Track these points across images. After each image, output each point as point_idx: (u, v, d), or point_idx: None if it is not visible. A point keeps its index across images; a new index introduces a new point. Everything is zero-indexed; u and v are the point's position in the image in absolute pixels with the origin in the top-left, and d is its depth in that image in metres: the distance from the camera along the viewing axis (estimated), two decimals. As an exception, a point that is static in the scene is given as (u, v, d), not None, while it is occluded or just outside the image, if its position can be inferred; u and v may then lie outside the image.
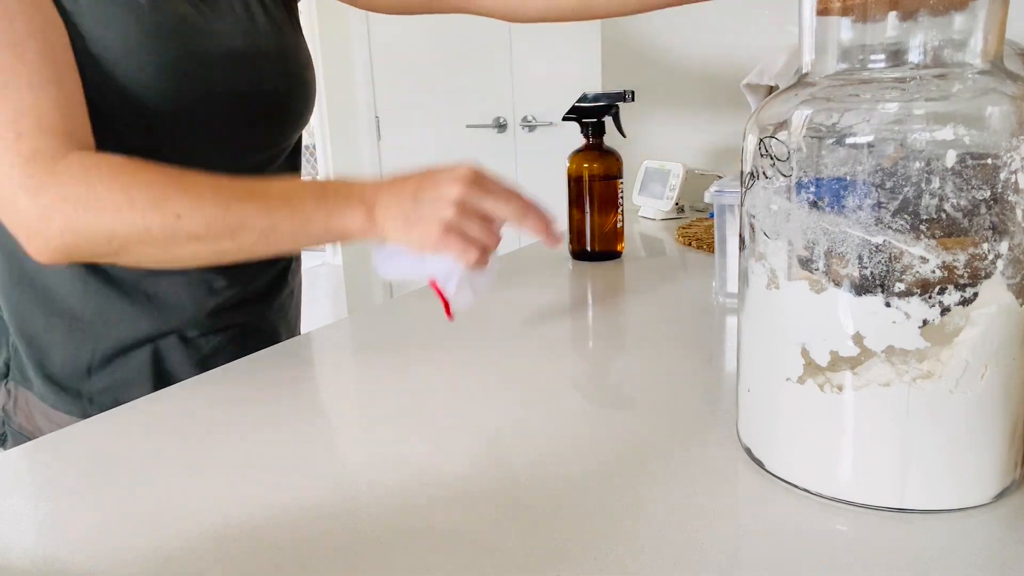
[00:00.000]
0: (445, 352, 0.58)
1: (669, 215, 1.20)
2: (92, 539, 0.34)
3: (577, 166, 0.90)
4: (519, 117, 2.59)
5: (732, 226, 0.69)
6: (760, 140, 0.34)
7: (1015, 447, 0.33)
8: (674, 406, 0.46)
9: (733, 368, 0.52)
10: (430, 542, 0.33)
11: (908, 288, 0.30)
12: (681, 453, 0.40)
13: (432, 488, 0.37)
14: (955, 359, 0.31)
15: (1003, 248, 0.30)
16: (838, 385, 0.33)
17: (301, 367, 0.58)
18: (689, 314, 0.66)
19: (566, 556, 0.31)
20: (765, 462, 0.37)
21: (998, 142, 0.29)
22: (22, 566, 0.32)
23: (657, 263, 0.91)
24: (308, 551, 0.32)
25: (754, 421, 0.38)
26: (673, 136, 1.39)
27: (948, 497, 0.32)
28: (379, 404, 0.49)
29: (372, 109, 2.89)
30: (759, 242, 0.35)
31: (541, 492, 0.36)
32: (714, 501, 0.35)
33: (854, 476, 0.33)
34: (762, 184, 0.34)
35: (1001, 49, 0.32)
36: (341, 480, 0.38)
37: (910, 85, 0.30)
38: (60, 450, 0.44)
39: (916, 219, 0.30)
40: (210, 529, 0.34)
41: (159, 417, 0.48)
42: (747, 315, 0.37)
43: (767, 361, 0.36)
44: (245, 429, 0.46)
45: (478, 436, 0.43)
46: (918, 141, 0.29)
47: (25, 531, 0.35)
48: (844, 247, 0.31)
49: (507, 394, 0.49)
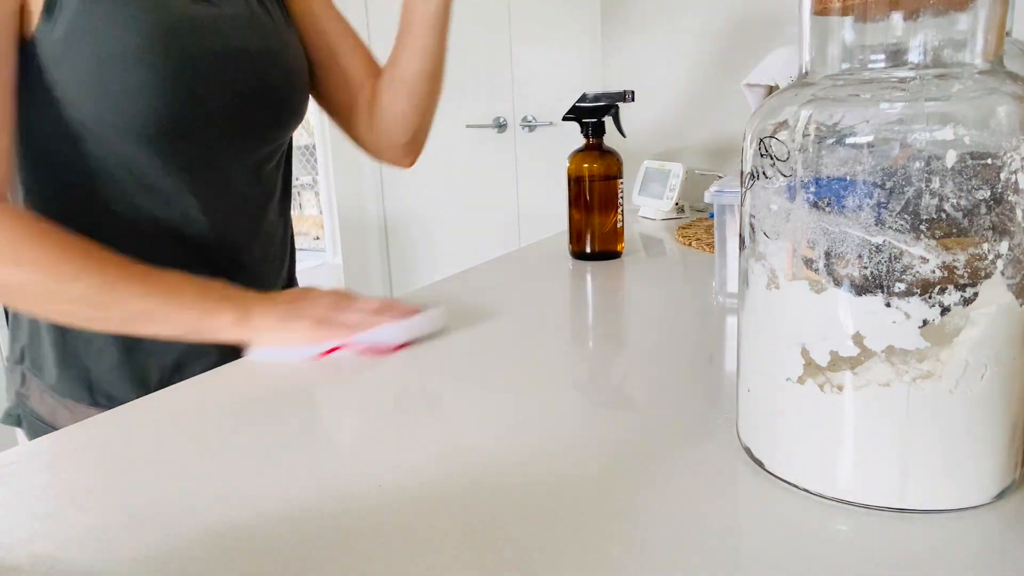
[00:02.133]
0: (444, 352, 0.58)
1: (669, 215, 1.20)
2: (92, 539, 0.34)
3: (577, 166, 0.90)
4: (519, 117, 2.59)
5: (732, 226, 0.69)
6: (760, 140, 0.34)
7: (1015, 447, 0.33)
8: (674, 406, 0.46)
9: (733, 368, 0.52)
10: (430, 542, 0.33)
11: (908, 288, 0.30)
12: (681, 453, 0.40)
13: (432, 488, 0.37)
14: (955, 359, 0.31)
15: (1003, 248, 0.30)
16: (838, 385, 0.33)
17: (301, 367, 0.58)
18: (689, 314, 0.66)
19: (566, 556, 0.31)
20: (765, 462, 0.37)
21: (999, 142, 0.29)
22: (22, 565, 0.32)
23: (657, 263, 0.91)
24: (308, 551, 0.32)
25: (754, 421, 0.38)
26: (673, 136, 1.39)
27: (948, 497, 0.32)
28: (379, 404, 0.49)
29: (372, 109, 2.88)
30: (759, 242, 0.35)
31: (540, 491, 0.36)
32: (714, 501, 0.35)
33: (854, 476, 0.33)
34: (762, 184, 0.34)
35: (1002, 49, 0.32)
36: (340, 480, 0.38)
37: (910, 85, 0.30)
38: (59, 450, 0.44)
39: (916, 219, 0.30)
40: (210, 529, 0.34)
41: (159, 417, 0.48)
42: (747, 315, 0.37)
43: (767, 361, 0.36)
44: (245, 429, 0.46)
45: (478, 436, 0.43)
46: (918, 141, 0.29)
47: (25, 530, 0.35)
48: (844, 247, 0.31)
49: (506, 394, 0.49)
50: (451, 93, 2.49)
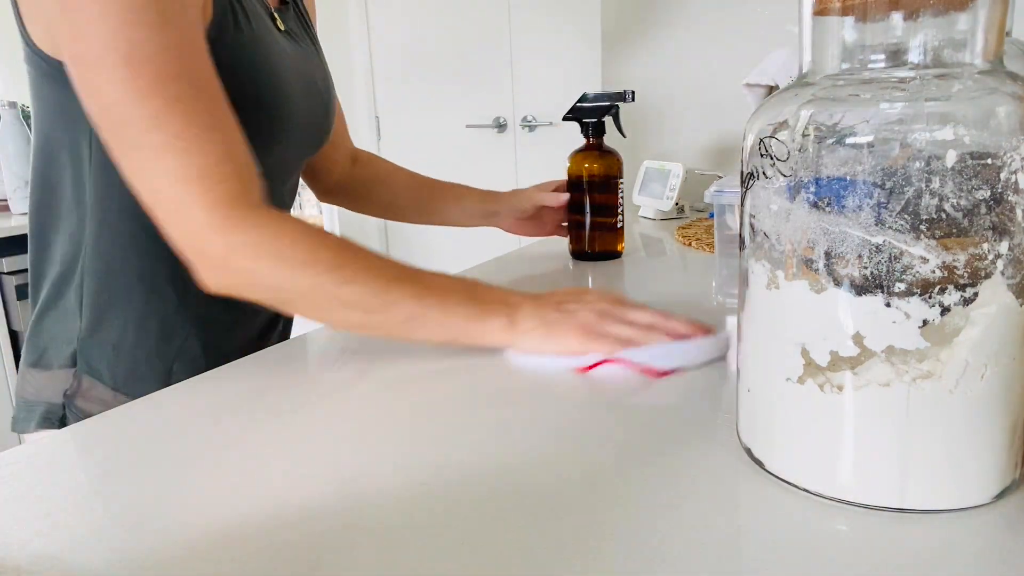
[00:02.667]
0: (444, 352, 0.58)
1: (669, 215, 1.20)
2: (92, 539, 0.34)
3: (577, 166, 0.90)
4: (519, 117, 2.59)
5: (732, 226, 0.69)
6: (760, 140, 0.34)
7: (1015, 447, 0.33)
8: (674, 406, 0.46)
9: (733, 368, 0.52)
10: (430, 542, 0.33)
11: (908, 288, 0.30)
12: (681, 453, 0.40)
13: (432, 488, 0.37)
14: (955, 359, 0.31)
15: (1003, 248, 0.30)
16: (838, 385, 0.33)
17: (301, 367, 0.58)
18: (689, 314, 0.66)
19: (565, 556, 0.31)
20: (765, 462, 0.37)
21: (999, 142, 0.29)
22: (22, 565, 0.32)
23: (657, 263, 0.91)
24: (308, 551, 0.32)
25: (754, 421, 0.38)
26: (673, 136, 1.39)
27: (948, 497, 0.32)
28: (379, 404, 0.49)
29: (372, 109, 2.89)
30: (759, 242, 0.35)
31: (540, 491, 0.36)
32: (714, 501, 0.35)
33: (854, 476, 0.33)
34: (762, 184, 0.34)
35: (1002, 49, 0.32)
36: (341, 480, 0.38)
37: (910, 85, 0.30)
38: (60, 450, 0.44)
39: (916, 219, 0.30)
40: (211, 529, 0.34)
41: (158, 416, 0.48)
42: (747, 315, 0.37)
43: (767, 361, 0.36)
44: (245, 429, 0.46)
45: (477, 436, 0.43)
46: (918, 141, 0.29)
47: (25, 530, 0.35)
48: (844, 247, 0.31)
49: (506, 394, 0.49)
50: (451, 93, 2.51)
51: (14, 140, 1.93)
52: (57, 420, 0.66)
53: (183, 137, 0.50)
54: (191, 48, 0.52)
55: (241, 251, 0.51)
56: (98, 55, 0.49)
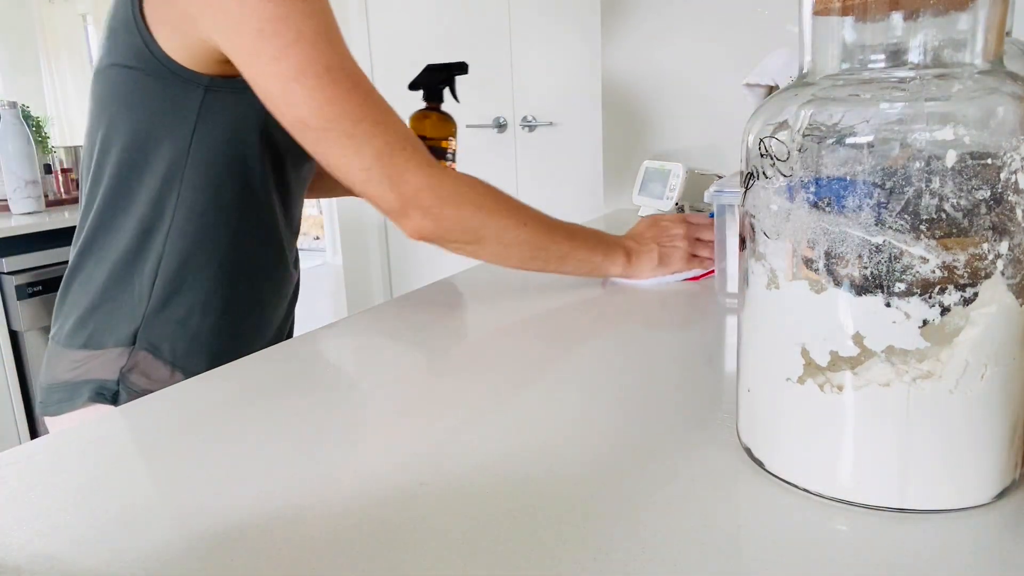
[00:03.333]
0: (444, 352, 0.58)
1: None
2: (92, 539, 0.34)
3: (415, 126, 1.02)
4: (519, 117, 2.59)
5: (732, 226, 0.69)
6: (760, 140, 0.34)
7: (1015, 447, 0.33)
8: (674, 406, 0.46)
9: (733, 368, 0.52)
10: (430, 542, 0.33)
11: (908, 288, 0.30)
12: (681, 453, 0.40)
13: (432, 488, 0.37)
14: (955, 359, 0.31)
15: (1003, 248, 0.30)
16: (838, 385, 0.33)
17: (301, 367, 0.58)
18: (689, 314, 0.66)
19: (566, 556, 0.31)
20: (765, 462, 0.37)
21: (999, 142, 0.29)
22: (22, 565, 0.32)
23: (657, 263, 0.91)
24: (308, 551, 0.32)
25: (754, 421, 0.38)
26: (673, 136, 1.39)
27: (948, 497, 0.32)
28: (379, 404, 0.49)
29: (372, 109, 2.88)
30: (759, 242, 0.35)
31: (540, 491, 0.36)
32: (714, 501, 0.35)
33: (854, 476, 0.33)
34: (762, 184, 0.34)
35: (1002, 49, 0.32)
36: (341, 480, 0.38)
37: (910, 85, 0.30)
38: (60, 449, 0.44)
39: (916, 219, 0.30)
40: (211, 529, 0.34)
41: (158, 416, 0.48)
42: (747, 315, 0.37)
43: (767, 361, 0.36)
44: (244, 429, 0.46)
45: (477, 436, 0.43)
46: (918, 141, 0.29)
47: (25, 530, 0.35)
48: (844, 247, 0.31)
49: (505, 394, 0.49)
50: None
51: (14, 140, 1.93)
52: (111, 396, 0.69)
53: (380, 123, 0.62)
54: (352, 55, 0.64)
55: (449, 200, 0.64)
56: (300, 70, 0.59)
